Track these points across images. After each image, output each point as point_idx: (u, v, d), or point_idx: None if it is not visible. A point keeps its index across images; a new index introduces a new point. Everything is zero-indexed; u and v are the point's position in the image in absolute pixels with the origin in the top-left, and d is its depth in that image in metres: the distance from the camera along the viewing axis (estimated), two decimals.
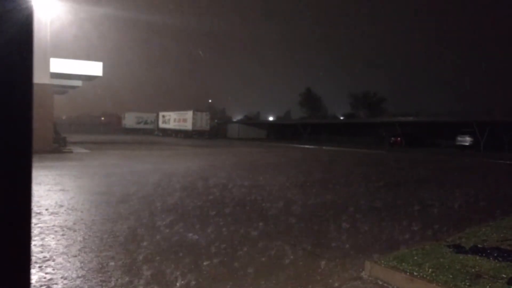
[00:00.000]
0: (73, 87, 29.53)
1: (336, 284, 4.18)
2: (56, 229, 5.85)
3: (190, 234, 5.79)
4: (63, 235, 5.57)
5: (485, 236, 5.62)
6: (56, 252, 4.81)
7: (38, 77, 18.77)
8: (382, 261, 4.52)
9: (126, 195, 8.84)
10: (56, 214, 6.80)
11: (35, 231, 5.72)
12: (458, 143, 35.56)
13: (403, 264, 4.40)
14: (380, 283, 4.26)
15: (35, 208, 7.18)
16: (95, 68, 23.84)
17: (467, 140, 34.97)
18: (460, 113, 46.06)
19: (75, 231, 5.80)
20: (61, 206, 7.48)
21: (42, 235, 5.49)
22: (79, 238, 5.44)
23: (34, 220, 6.29)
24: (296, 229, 6.44)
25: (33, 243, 5.12)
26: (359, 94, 65.10)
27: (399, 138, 39.50)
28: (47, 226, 5.96)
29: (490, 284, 3.85)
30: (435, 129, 40.71)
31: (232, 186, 10.61)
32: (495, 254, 4.70)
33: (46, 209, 7.10)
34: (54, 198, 8.23)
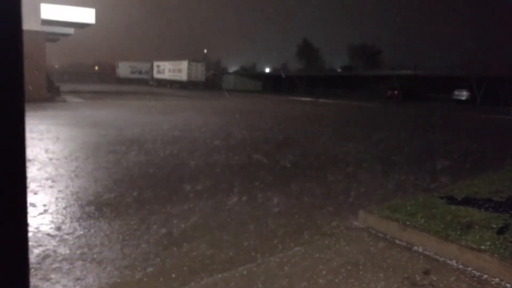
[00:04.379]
0: (65, 35, 28.67)
1: (330, 232, 4.29)
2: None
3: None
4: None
5: (477, 188, 5.72)
6: None
7: (29, 24, 18.17)
8: (376, 211, 4.61)
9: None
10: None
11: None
12: (455, 97, 35.44)
13: (396, 214, 4.50)
14: (373, 232, 4.36)
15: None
16: (87, 15, 23.03)
17: (464, 95, 34.84)
18: (458, 67, 45.46)
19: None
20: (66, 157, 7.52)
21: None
22: None
23: None
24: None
25: None
26: (356, 46, 63.85)
27: (395, 92, 39.23)
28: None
29: (480, 234, 3.96)
30: (433, 83, 40.35)
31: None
32: (487, 205, 4.80)
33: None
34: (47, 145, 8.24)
